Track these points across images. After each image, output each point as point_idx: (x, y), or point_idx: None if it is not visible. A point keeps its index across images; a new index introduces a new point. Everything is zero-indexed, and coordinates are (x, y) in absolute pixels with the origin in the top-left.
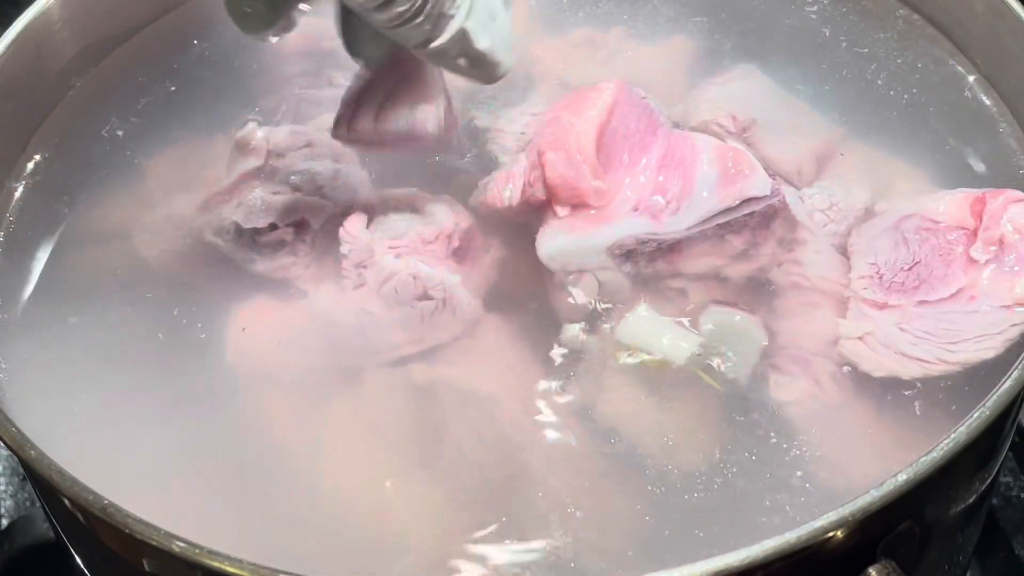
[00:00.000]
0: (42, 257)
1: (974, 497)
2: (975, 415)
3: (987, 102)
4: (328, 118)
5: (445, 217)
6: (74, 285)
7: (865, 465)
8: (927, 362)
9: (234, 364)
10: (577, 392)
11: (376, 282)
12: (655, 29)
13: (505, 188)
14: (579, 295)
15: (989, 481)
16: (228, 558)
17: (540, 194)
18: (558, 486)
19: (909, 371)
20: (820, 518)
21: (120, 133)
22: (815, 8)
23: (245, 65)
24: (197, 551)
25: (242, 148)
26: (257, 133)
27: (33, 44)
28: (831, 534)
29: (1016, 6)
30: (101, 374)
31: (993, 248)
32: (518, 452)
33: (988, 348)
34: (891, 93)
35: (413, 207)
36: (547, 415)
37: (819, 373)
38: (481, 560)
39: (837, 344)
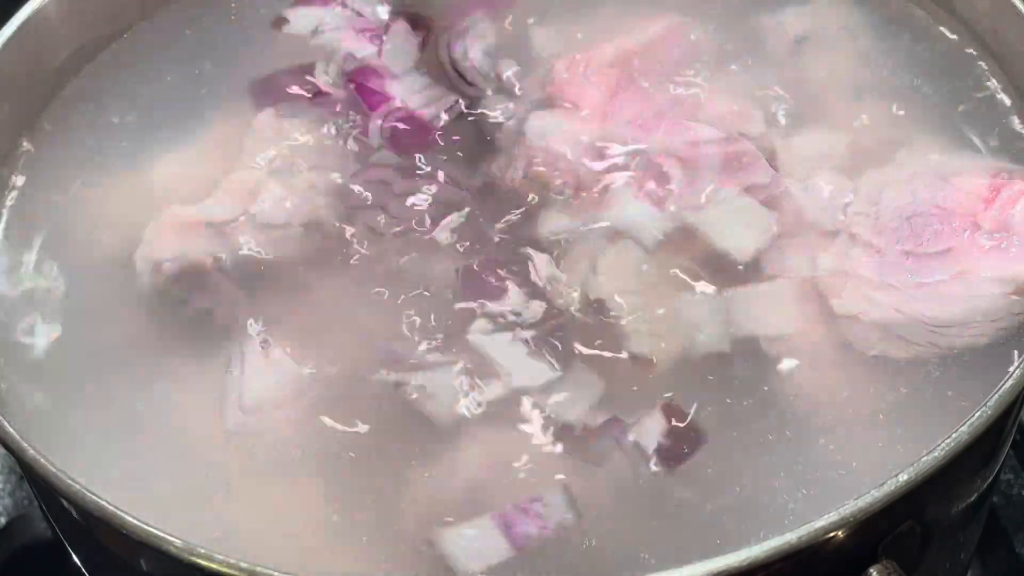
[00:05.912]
0: (40, 250)
1: (975, 496)
2: (976, 413)
3: (995, 95)
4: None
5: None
6: (73, 279)
7: (868, 460)
8: (918, 344)
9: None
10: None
11: (385, 277)
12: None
13: (508, 167)
14: (577, 278)
15: (991, 480)
16: (225, 558)
17: (540, 166)
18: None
19: (899, 352)
20: (821, 518)
21: (115, 120)
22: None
23: (245, 56)
24: (194, 551)
25: (253, 143)
26: (266, 129)
27: (31, 39)
28: (832, 534)
29: (1018, 3)
30: (100, 372)
31: (998, 227)
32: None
33: (980, 335)
34: (898, 83)
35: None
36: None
37: (819, 359)
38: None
39: (835, 324)
